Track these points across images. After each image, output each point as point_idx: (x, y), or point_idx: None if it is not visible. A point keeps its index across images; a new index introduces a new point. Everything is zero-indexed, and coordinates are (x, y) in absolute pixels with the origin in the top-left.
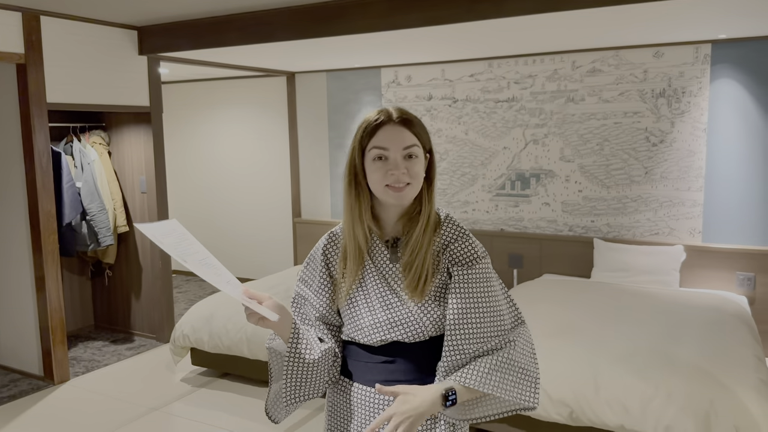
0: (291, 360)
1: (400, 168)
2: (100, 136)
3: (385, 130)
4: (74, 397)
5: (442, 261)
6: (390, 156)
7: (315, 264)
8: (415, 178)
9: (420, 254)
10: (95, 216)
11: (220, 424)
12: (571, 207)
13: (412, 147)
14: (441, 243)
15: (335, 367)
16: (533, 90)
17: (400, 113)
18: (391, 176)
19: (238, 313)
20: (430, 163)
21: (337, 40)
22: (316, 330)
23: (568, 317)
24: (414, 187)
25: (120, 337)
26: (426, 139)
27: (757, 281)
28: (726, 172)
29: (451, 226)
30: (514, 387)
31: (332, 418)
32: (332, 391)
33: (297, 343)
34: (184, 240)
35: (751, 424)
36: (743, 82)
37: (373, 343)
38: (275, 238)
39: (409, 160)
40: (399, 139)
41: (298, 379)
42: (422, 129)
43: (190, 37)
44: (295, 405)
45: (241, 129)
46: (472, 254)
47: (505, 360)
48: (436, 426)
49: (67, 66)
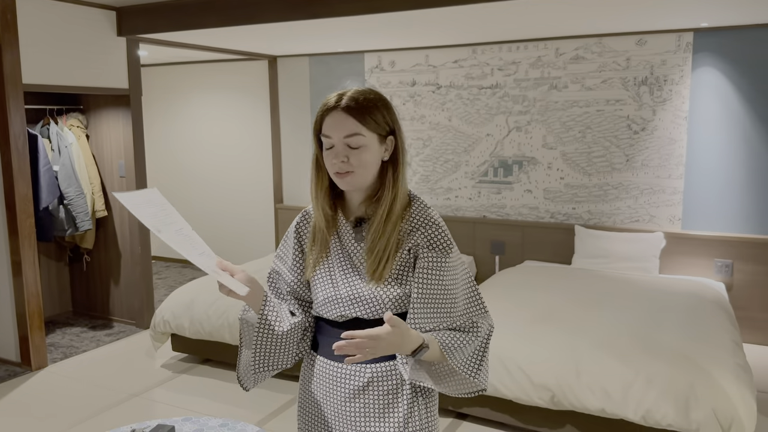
0: (260, 330)
1: (339, 157)
2: (78, 119)
3: (331, 117)
4: (52, 383)
5: (405, 243)
6: (334, 143)
7: (288, 240)
8: (360, 167)
9: (382, 239)
10: (73, 200)
11: (201, 410)
12: (552, 194)
13: (354, 136)
14: (408, 227)
15: (305, 341)
16: (517, 77)
17: (349, 99)
18: (334, 165)
19: (220, 299)
20: (395, 147)
21: (320, 23)
22: (289, 304)
23: (549, 303)
24: (358, 175)
25: (98, 323)
26: (381, 122)
27: (735, 268)
28: (706, 160)
29: (419, 211)
30: (470, 366)
31: (301, 389)
32: (303, 363)
33: (267, 315)
34: (162, 210)
35: (728, 407)
36: (724, 71)
37: (335, 318)
38: (257, 224)
39: (351, 149)
40: (341, 127)
41: (266, 350)
42: (373, 113)
43: (170, 18)
44: (263, 374)
45: (222, 113)
46: (441, 242)
47: (473, 341)
48: (400, 392)
49: (43, 46)
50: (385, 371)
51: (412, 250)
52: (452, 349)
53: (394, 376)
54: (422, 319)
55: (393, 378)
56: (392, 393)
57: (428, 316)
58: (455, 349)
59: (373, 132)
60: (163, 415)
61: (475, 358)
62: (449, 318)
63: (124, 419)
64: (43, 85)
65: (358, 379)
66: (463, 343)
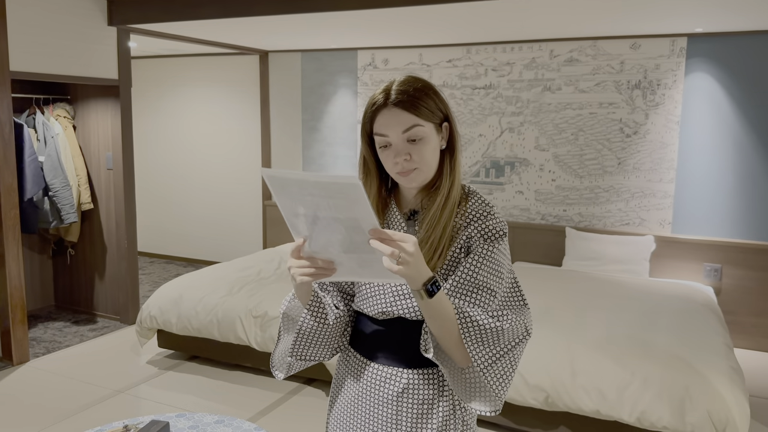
0: (308, 318)
1: (402, 155)
2: (65, 110)
3: (383, 115)
4: (34, 378)
5: (460, 236)
6: (392, 142)
7: None
8: (423, 162)
9: (437, 229)
10: (58, 192)
11: (189, 407)
12: (544, 196)
13: (413, 129)
14: (466, 219)
15: (345, 336)
16: (510, 78)
17: (398, 93)
18: (396, 165)
19: (208, 295)
20: (450, 133)
21: (316, 16)
22: (332, 297)
23: (542, 304)
24: (422, 171)
25: (82, 318)
26: (434, 110)
27: (724, 272)
28: (697, 165)
29: (477, 203)
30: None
31: (335, 384)
32: (339, 358)
33: (314, 305)
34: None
35: (723, 409)
36: (717, 77)
37: (375, 315)
38: (245, 221)
39: (412, 144)
40: (396, 123)
41: (307, 338)
42: (426, 101)
43: (162, 9)
44: (299, 363)
45: (212, 108)
46: (495, 231)
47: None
48: (442, 409)
49: (32, 34)
50: (422, 379)
51: (465, 243)
52: (466, 313)
53: (432, 385)
54: (454, 297)
55: (430, 387)
56: (428, 403)
57: (461, 298)
58: (469, 313)
59: (429, 121)
60: (150, 412)
61: (492, 352)
62: (481, 308)
63: (109, 416)
64: (32, 73)
65: (394, 384)
66: (481, 317)
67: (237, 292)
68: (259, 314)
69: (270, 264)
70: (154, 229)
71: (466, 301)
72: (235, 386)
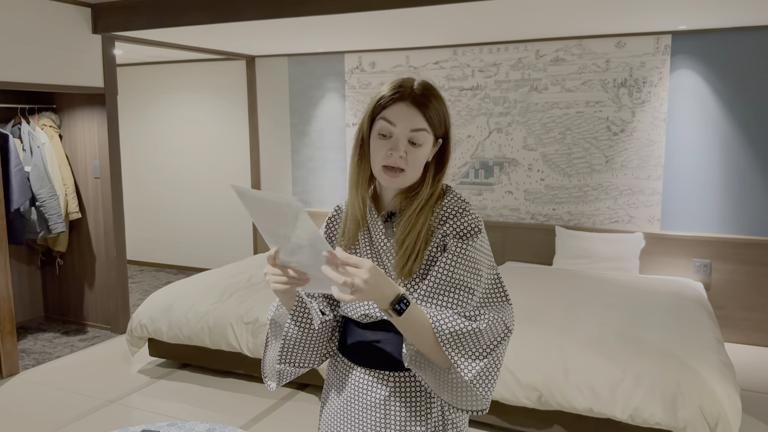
0: (291, 325)
1: (399, 150)
2: (51, 119)
3: (399, 106)
4: (25, 390)
5: (436, 235)
6: (395, 134)
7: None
8: (412, 167)
9: (413, 232)
10: (45, 202)
11: (181, 416)
12: (533, 195)
13: (420, 132)
14: (441, 217)
15: (333, 341)
16: (497, 78)
17: (421, 94)
18: (390, 157)
19: (199, 303)
20: (444, 149)
21: (302, 21)
22: (318, 303)
23: (534, 303)
24: (408, 175)
25: (72, 329)
26: (439, 124)
27: (713, 268)
28: (684, 161)
29: (453, 200)
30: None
31: (325, 389)
32: (329, 364)
33: (298, 311)
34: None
35: (715, 404)
36: (702, 73)
37: (359, 318)
38: (235, 227)
39: (411, 145)
40: (410, 119)
41: (294, 344)
42: (438, 113)
43: (147, 16)
44: (288, 370)
45: (199, 114)
46: (469, 228)
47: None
48: (430, 412)
49: (15, 43)
50: (410, 382)
51: (440, 241)
52: (441, 322)
53: (420, 388)
54: (431, 298)
55: (418, 390)
56: (417, 406)
57: (438, 298)
58: (444, 321)
59: (433, 132)
60: (142, 421)
61: (473, 354)
62: (460, 307)
63: (101, 426)
64: (16, 83)
65: (381, 388)
66: (457, 323)
67: (228, 299)
68: (250, 320)
69: (260, 270)
70: (143, 237)
71: (443, 301)
72: (227, 393)
